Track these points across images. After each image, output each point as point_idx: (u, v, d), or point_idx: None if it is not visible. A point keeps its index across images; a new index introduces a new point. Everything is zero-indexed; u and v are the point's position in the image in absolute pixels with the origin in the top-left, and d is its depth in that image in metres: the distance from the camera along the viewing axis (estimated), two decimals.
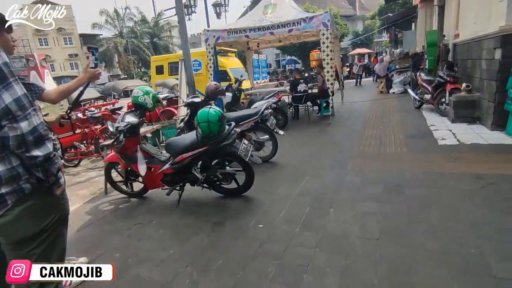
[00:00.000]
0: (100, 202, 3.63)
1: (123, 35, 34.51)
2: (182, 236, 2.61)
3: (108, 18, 33.24)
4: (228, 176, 3.07)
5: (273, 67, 32.02)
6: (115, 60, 36.07)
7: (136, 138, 3.10)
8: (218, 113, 2.78)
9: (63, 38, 38.00)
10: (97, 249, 2.54)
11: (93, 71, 2.14)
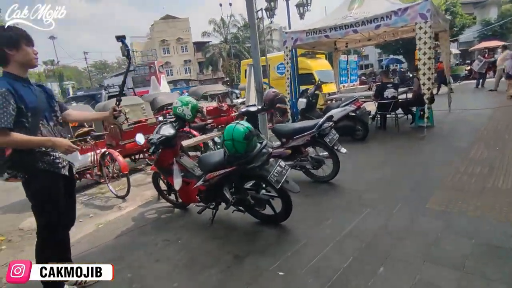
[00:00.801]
0: (150, 208, 3.73)
1: (227, 41, 37.33)
2: (196, 266, 2.34)
3: (216, 26, 36.45)
4: (260, 201, 2.65)
5: (371, 68, 29.23)
6: (220, 64, 39.34)
7: (173, 151, 3.01)
8: (245, 130, 2.39)
9: (180, 47, 43.83)
10: (120, 262, 2.51)
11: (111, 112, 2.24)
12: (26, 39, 1.84)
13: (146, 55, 42.68)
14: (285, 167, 2.55)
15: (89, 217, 4.02)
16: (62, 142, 1.84)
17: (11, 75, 1.83)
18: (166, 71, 42.39)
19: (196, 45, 42.76)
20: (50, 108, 2.02)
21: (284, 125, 3.99)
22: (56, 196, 1.94)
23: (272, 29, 36.50)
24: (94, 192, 5.00)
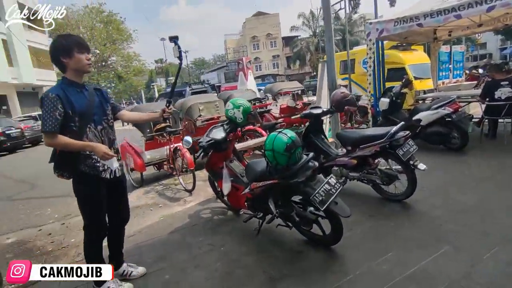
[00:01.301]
0: (207, 206, 3.80)
1: (316, 34, 36.26)
2: (229, 281, 2.22)
3: (304, 20, 35.78)
4: (306, 219, 2.35)
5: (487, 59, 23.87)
6: (307, 58, 38.61)
7: (223, 154, 2.94)
8: (287, 141, 2.11)
9: (269, 42, 44.74)
10: (163, 261, 2.59)
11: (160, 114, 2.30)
12: (78, 46, 1.95)
13: (237, 51, 45.06)
14: (336, 185, 2.18)
15: (159, 207, 4.35)
16: (100, 148, 1.91)
17: (67, 81, 1.99)
18: (255, 66, 44.08)
19: (284, 40, 43.05)
20: (102, 112, 2.11)
21: (351, 131, 3.52)
22: (97, 198, 2.05)
23: (366, 19, 33.80)
24: (168, 183, 5.42)
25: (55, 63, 1.98)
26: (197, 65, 74.91)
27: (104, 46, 32.36)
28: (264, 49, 45.12)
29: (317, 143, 3.53)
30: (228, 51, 45.63)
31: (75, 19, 32.10)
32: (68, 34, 2.11)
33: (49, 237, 3.82)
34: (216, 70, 46.33)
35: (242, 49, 43.72)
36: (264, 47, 45.11)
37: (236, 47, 45.97)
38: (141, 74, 39.63)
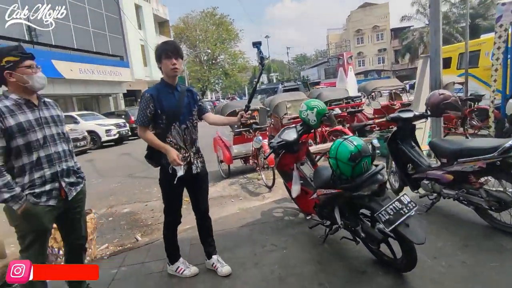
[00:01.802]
0: (281, 205, 3.82)
1: None
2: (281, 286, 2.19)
3: (420, 7, 31.39)
4: (372, 237, 2.09)
5: None
6: (419, 51, 34.03)
7: (294, 156, 2.88)
8: (353, 150, 1.90)
9: (376, 35, 41.29)
10: (227, 253, 2.71)
11: (238, 118, 2.31)
12: (165, 53, 2.17)
13: (340, 46, 43.20)
14: (409, 205, 1.86)
15: (239, 199, 4.63)
16: (172, 154, 2.12)
17: (163, 82, 2.27)
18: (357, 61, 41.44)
19: (393, 31, 38.89)
20: (188, 112, 2.30)
21: (449, 140, 2.94)
22: (172, 189, 2.27)
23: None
24: (252, 177, 5.69)
25: (159, 68, 2.28)
26: (299, 61, 75.20)
27: (214, 45, 35.87)
28: (368, 43, 41.85)
29: (404, 151, 3.09)
30: (329, 46, 44.20)
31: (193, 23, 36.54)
32: (163, 42, 2.34)
33: (151, 212, 4.54)
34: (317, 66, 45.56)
35: (345, 44, 41.64)
36: (369, 40, 41.83)
37: (339, 41, 44.07)
38: (245, 70, 42.39)
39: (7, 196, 1.70)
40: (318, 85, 32.02)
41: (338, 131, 5.37)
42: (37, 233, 1.86)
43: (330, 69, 37.20)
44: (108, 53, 22.38)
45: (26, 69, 1.80)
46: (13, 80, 1.78)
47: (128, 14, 23.41)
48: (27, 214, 1.77)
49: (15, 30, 15.70)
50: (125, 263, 2.82)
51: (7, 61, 1.75)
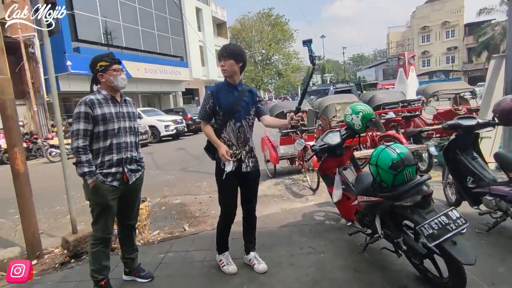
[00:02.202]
0: (324, 209, 3.79)
1: None
2: None
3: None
4: (414, 251, 1.97)
5: None
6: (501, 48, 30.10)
7: (337, 160, 2.83)
8: (395, 158, 1.81)
9: (445, 32, 37.70)
10: (265, 251, 2.79)
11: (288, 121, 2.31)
12: (219, 56, 2.36)
13: (401, 45, 40.39)
14: (458, 221, 1.73)
15: (282, 199, 4.69)
16: (221, 149, 2.25)
17: (225, 81, 2.43)
18: (421, 61, 38.25)
19: (467, 27, 34.98)
20: (245, 111, 2.40)
21: None
22: (225, 183, 2.37)
23: None
24: (297, 178, 5.69)
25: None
26: (355, 61, 72.08)
27: (269, 46, 36.21)
28: (436, 41, 38.26)
29: (464, 162, 2.84)
30: (390, 45, 41.52)
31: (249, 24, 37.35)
32: (223, 46, 2.50)
33: (199, 205, 4.83)
34: (374, 66, 43.22)
35: (408, 43, 38.76)
36: (436, 38, 38.23)
37: (400, 40, 41.14)
38: (298, 71, 42.03)
39: (86, 170, 2.10)
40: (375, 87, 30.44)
41: (390, 137, 5.09)
42: (102, 208, 2.21)
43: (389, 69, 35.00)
44: (169, 54, 24.07)
45: (113, 72, 2.22)
46: (103, 80, 2.23)
47: (189, 17, 24.89)
48: (96, 190, 2.15)
49: (94, 35, 17.86)
50: (172, 249, 3.08)
51: (100, 65, 2.22)
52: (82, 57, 16.19)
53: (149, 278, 2.51)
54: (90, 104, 2.14)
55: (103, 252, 2.28)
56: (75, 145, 2.10)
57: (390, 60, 35.61)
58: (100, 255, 2.27)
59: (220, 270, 2.54)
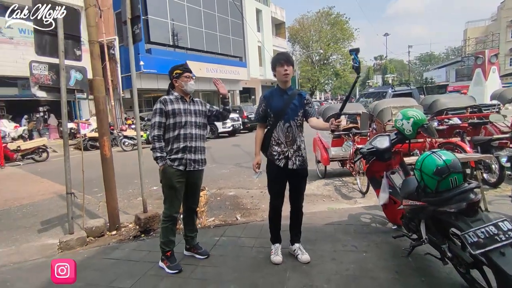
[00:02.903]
0: (371, 212, 3.81)
1: None
2: (351, 286, 2.33)
3: None
4: (460, 260, 1.97)
5: None
6: None
7: (385, 164, 2.87)
8: (440, 164, 1.83)
9: None
10: (309, 244, 2.97)
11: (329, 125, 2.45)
12: (279, 62, 2.59)
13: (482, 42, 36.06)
14: (509, 232, 1.70)
15: (331, 199, 4.79)
16: (254, 160, 2.70)
17: (277, 87, 2.73)
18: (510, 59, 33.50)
19: None
20: (294, 113, 2.62)
21: None
22: (273, 178, 2.69)
23: None
24: (347, 181, 5.71)
25: (274, 75, 2.73)
26: (423, 60, 66.40)
27: (327, 46, 35.41)
28: None
29: None
30: (467, 42, 37.32)
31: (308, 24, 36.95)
32: (277, 53, 2.79)
33: (251, 198, 5.18)
34: (445, 66, 39.38)
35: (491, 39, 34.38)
36: None
37: (481, 36, 36.62)
38: None
39: (159, 155, 2.60)
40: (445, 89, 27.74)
41: (452, 144, 4.81)
42: (169, 188, 2.68)
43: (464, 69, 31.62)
44: (229, 54, 25.18)
45: (184, 78, 2.71)
46: (177, 84, 2.74)
47: (249, 18, 25.69)
48: (164, 172, 2.64)
49: (164, 37, 19.57)
50: (225, 234, 3.45)
51: (176, 72, 2.72)
52: (153, 57, 17.93)
53: (206, 255, 2.89)
54: (163, 102, 2.66)
55: (170, 229, 2.73)
56: (152, 134, 2.62)
57: (466, 59, 32.11)
58: (168, 231, 2.72)
59: (268, 257, 2.80)
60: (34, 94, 3.31)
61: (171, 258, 2.74)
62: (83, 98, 3.66)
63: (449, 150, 4.77)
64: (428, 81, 32.44)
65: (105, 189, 3.95)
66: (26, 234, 4.13)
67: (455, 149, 4.76)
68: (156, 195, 5.45)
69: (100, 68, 3.85)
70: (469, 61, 28.87)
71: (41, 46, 3.24)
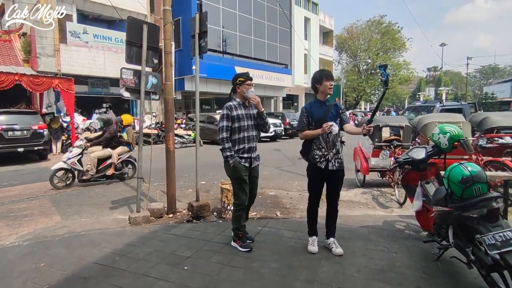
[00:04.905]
0: (407, 221, 3.98)
1: None
2: (378, 277, 2.61)
3: None
4: (482, 263, 2.17)
5: None
6: None
7: (419, 174, 3.08)
8: (465, 174, 2.06)
9: None
10: (343, 241, 3.27)
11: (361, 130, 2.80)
12: (326, 76, 3.00)
13: None
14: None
15: (367, 207, 5.00)
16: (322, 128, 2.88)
17: (316, 99, 3.13)
18: None
19: None
20: (332, 121, 2.96)
21: None
22: (313, 179, 3.08)
23: None
24: (386, 191, 5.83)
25: (312, 87, 3.16)
26: (484, 73, 61.25)
27: (376, 55, 34.46)
28: None
29: None
30: None
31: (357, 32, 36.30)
32: (321, 70, 3.21)
33: (290, 199, 5.56)
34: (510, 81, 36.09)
35: None
36: None
37: None
38: (407, 83, 38.60)
39: (229, 154, 3.04)
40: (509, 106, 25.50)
41: (499, 162, 4.77)
42: (239, 181, 3.11)
43: None
44: (276, 62, 25.82)
45: (246, 85, 3.12)
46: (239, 90, 3.15)
47: (297, 26, 26.16)
48: (235, 168, 3.06)
49: (215, 43, 20.76)
50: (267, 225, 3.89)
51: (239, 80, 3.13)
52: (204, 62, 19.14)
53: (251, 240, 3.34)
54: (229, 108, 3.10)
55: (241, 216, 3.20)
56: (221, 136, 3.06)
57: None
58: (240, 218, 3.19)
59: (304, 247, 3.18)
60: (122, 94, 4.08)
61: (243, 238, 3.24)
62: (156, 99, 4.34)
63: (497, 169, 4.77)
64: (488, 96, 30.01)
65: (167, 177, 4.62)
66: (101, 210, 4.97)
67: (502, 168, 4.72)
68: (205, 189, 6.09)
69: (171, 75, 4.54)
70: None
71: (130, 55, 4.00)
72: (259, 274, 2.70)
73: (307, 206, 3.24)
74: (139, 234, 3.66)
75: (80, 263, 2.96)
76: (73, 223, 4.27)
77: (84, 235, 3.70)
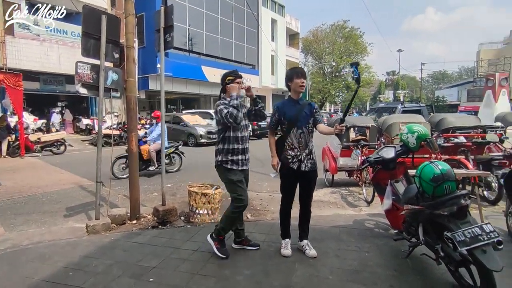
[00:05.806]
0: (376, 219, 4.05)
1: None
2: (353, 278, 2.59)
3: None
4: (450, 259, 2.23)
5: None
6: None
7: (389, 173, 3.14)
8: (436, 172, 2.11)
9: None
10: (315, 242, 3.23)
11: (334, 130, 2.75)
12: (296, 74, 2.93)
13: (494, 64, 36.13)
14: (490, 234, 1.97)
15: (336, 206, 5.05)
16: (273, 161, 2.98)
17: (289, 98, 3.05)
18: None
19: None
20: (305, 120, 2.95)
21: None
22: (285, 179, 2.99)
23: None
24: (354, 190, 5.95)
25: (286, 86, 3.06)
26: (435, 78, 66.28)
27: (340, 58, 35.79)
28: None
29: None
30: (480, 63, 37.39)
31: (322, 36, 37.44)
32: (293, 67, 3.13)
33: (260, 201, 5.45)
34: (458, 86, 39.40)
35: (503, 62, 34.44)
36: None
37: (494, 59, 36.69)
38: (369, 86, 40.56)
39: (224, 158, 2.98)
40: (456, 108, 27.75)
41: (455, 161, 5.05)
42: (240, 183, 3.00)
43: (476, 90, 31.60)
44: (243, 62, 25.73)
45: (236, 84, 2.98)
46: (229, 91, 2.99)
47: (264, 28, 26.28)
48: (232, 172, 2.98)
49: (180, 42, 20.18)
50: None
51: (229, 79, 3.00)
52: (170, 61, 18.50)
53: (257, 247, 3.17)
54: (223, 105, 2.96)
55: (236, 218, 3.06)
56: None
57: (478, 80, 32.20)
58: (234, 220, 3.04)
59: (277, 250, 3.08)
60: (77, 90, 3.69)
61: (223, 242, 3.06)
62: (117, 96, 4.00)
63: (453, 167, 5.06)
64: (439, 99, 32.50)
65: (130, 180, 4.29)
66: (53, 218, 4.49)
67: (458, 166, 5.01)
68: (171, 192, 5.79)
69: (134, 71, 4.23)
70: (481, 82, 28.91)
71: (86, 48, 3.64)
72: (232, 282, 2.55)
73: (279, 208, 3.15)
74: (97, 244, 3.33)
75: (25, 282, 2.58)
76: (19, 235, 3.79)
77: (31, 248, 3.29)
